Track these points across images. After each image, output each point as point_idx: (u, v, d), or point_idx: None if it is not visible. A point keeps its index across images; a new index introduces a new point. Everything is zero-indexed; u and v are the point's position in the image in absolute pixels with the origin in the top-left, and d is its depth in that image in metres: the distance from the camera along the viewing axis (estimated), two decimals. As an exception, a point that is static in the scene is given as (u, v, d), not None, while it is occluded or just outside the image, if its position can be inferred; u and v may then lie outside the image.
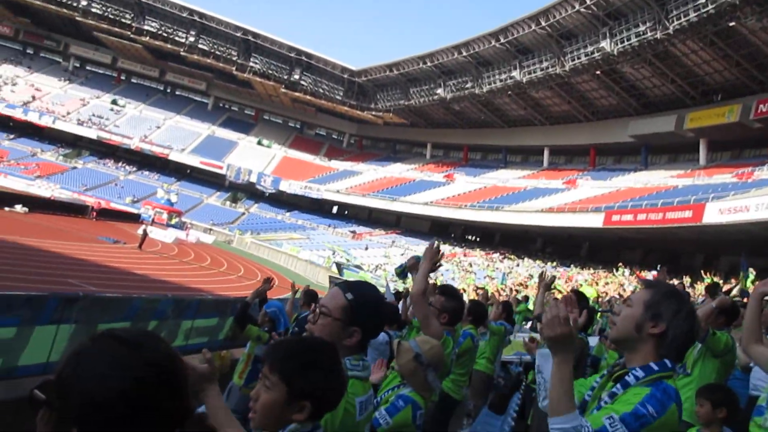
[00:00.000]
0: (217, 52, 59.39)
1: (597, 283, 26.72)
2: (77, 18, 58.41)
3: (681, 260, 33.64)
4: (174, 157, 59.73)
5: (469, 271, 37.54)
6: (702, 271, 25.56)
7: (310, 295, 5.75)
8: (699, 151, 36.49)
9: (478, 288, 22.24)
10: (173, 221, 47.46)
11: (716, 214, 24.90)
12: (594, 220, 32.48)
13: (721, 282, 23.27)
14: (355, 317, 1.86)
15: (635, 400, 1.75)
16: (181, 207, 52.93)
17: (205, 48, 59.38)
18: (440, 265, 3.66)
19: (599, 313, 11.02)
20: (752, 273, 17.65)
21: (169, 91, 70.53)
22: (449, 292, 4.18)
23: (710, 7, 27.98)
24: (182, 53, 59.53)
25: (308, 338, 1.70)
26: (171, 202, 50.47)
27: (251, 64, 59.40)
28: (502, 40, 40.99)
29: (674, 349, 1.90)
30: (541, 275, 6.37)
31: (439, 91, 50.06)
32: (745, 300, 9.48)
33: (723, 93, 34.64)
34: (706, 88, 35.37)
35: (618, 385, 1.87)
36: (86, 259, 20.61)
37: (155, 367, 0.95)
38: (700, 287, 22.26)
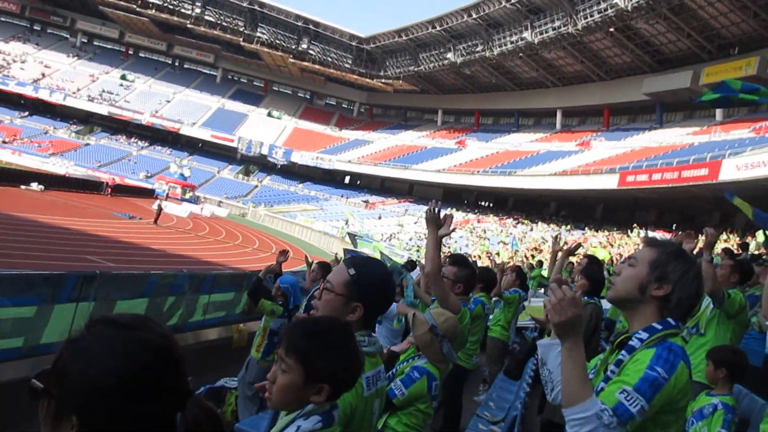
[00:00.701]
0: (224, 24, 58.88)
1: (612, 245, 26.58)
2: (82, -7, 58.08)
3: (696, 219, 33.34)
4: (185, 131, 59.79)
5: (482, 237, 37.51)
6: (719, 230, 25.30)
7: (325, 269, 5.77)
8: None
9: (489, 254, 22.30)
10: (187, 195, 47.81)
11: (733, 170, 24.51)
12: (608, 182, 32.15)
13: (737, 239, 23.08)
14: (358, 293, 1.86)
15: (643, 366, 1.68)
16: (195, 181, 53.24)
17: (211, 20, 58.85)
18: (453, 230, 3.58)
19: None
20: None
21: (177, 64, 70.21)
22: (461, 262, 4.17)
23: (727, -43, 27.11)
24: (189, 26, 59.09)
25: (323, 318, 1.70)
26: (184, 177, 50.76)
27: (258, 34, 58.86)
28: (513, 0, 40.13)
29: (679, 311, 1.82)
30: (556, 238, 6.34)
31: (449, 55, 49.33)
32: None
33: (740, 46, 33.80)
34: (723, 41, 34.50)
35: (623, 352, 1.80)
36: (103, 235, 20.85)
37: (151, 349, 0.94)
38: (717, 246, 22.10)
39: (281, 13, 56.93)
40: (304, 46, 59.25)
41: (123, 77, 64.41)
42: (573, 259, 11.02)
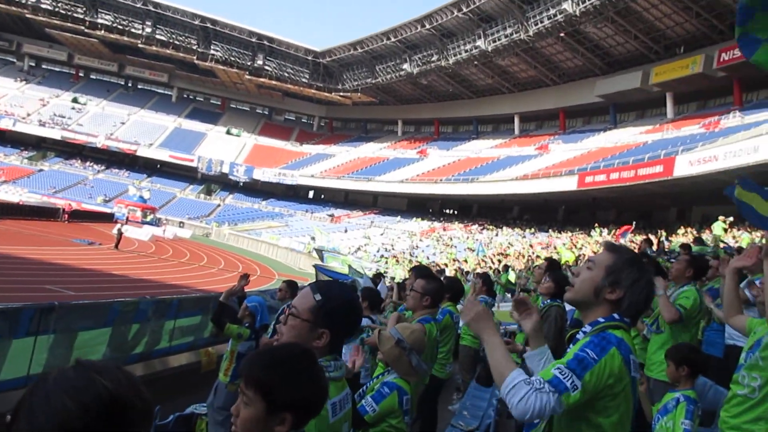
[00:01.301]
0: (176, 42, 58.17)
1: (575, 246, 27.05)
2: (27, 15, 56.67)
3: (654, 215, 34.24)
4: (142, 152, 58.73)
5: (449, 245, 37.74)
6: (676, 226, 26.04)
7: (293, 287, 5.67)
8: (666, 105, 36.91)
9: (456, 261, 22.45)
10: (148, 218, 46.84)
11: (686, 166, 25.30)
12: (568, 184, 32.81)
13: (694, 233, 23.74)
14: (323, 319, 1.82)
15: (575, 349, 1.84)
16: (155, 203, 52.25)
17: (163, 38, 58.09)
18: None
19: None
20: (722, 221, 18.03)
21: (130, 85, 69.05)
22: (427, 274, 4.16)
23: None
24: (140, 45, 58.21)
25: (281, 347, 1.65)
26: (144, 199, 49.75)
27: (212, 52, 58.34)
28: (465, 10, 40.75)
29: (628, 313, 1.94)
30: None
31: (406, 66, 49.75)
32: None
33: (685, 45, 35.02)
34: (669, 41, 35.69)
35: (570, 344, 1.95)
36: (62, 263, 20.25)
37: (104, 397, 0.94)
38: (676, 241, 22.70)
39: (234, 30, 56.56)
40: (260, 62, 58.95)
41: (74, 100, 62.97)
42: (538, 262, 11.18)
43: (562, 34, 38.16)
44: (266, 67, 59.31)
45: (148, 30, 57.40)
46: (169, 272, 23.70)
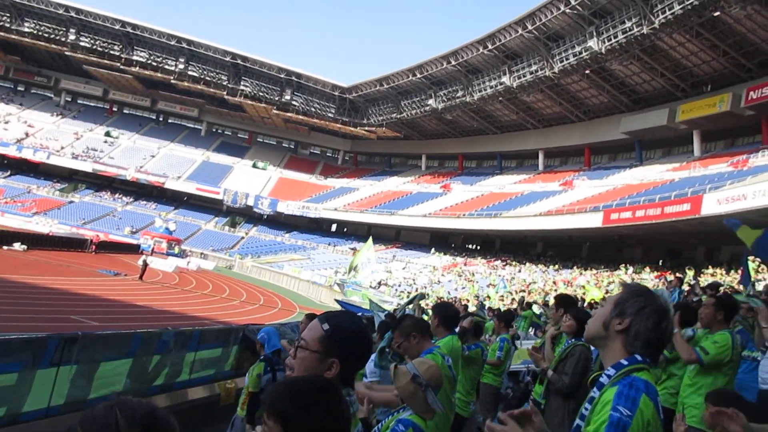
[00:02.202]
0: (207, 78, 59.71)
1: (601, 284, 26.61)
2: (66, 53, 58.80)
3: (682, 254, 33.58)
4: (170, 185, 59.81)
5: (470, 281, 37.42)
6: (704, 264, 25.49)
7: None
8: (693, 142, 36.57)
9: (478, 297, 22.16)
10: (173, 250, 47.38)
11: (714, 204, 24.86)
12: (593, 220, 32.43)
13: (723, 273, 23.18)
14: (332, 348, 1.81)
15: (607, 409, 1.76)
16: (180, 235, 52.91)
17: (194, 74, 59.68)
18: None
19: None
20: (750, 261, 17.58)
21: (161, 119, 70.79)
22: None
23: (694, -2, 28.13)
24: (172, 81, 59.85)
25: (305, 378, 1.65)
26: (170, 231, 50.43)
27: (242, 87, 59.69)
28: (490, 47, 41.18)
29: (641, 344, 1.89)
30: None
31: (431, 102, 50.23)
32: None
33: (712, 83, 34.78)
34: (696, 79, 35.51)
35: (594, 389, 1.90)
36: (88, 294, 20.51)
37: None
38: (704, 280, 22.19)
39: (264, 66, 57.89)
40: (287, 97, 60.09)
41: (107, 134, 64.70)
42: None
43: (587, 71, 38.27)
44: (293, 102, 60.42)
45: (181, 66, 59.09)
46: (191, 304, 23.83)
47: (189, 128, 70.45)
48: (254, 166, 66.04)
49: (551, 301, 8.66)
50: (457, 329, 6.79)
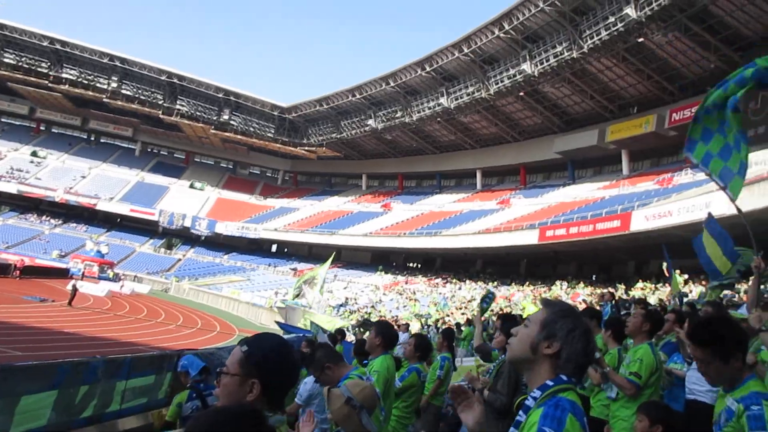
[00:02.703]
0: (142, 97, 58.14)
1: (536, 300, 27.24)
2: (-12, 70, 56.11)
3: (613, 269, 34.88)
4: (102, 206, 57.61)
5: (412, 299, 37.60)
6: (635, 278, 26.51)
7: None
8: (621, 161, 38.24)
9: (420, 317, 22.31)
10: (105, 273, 45.56)
11: (643, 221, 25.99)
12: (529, 237, 33.28)
13: (652, 287, 24.18)
14: (251, 369, 1.79)
15: (534, 430, 1.73)
16: (113, 258, 51.02)
17: (128, 93, 57.99)
18: None
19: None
20: (677, 274, 18.42)
21: (93, 139, 68.31)
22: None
23: (619, 25, 29.69)
24: (105, 100, 57.96)
25: (226, 408, 1.59)
26: (102, 254, 48.56)
27: (178, 107, 58.43)
28: (428, 69, 41.97)
29: (570, 367, 1.88)
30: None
31: (370, 122, 50.60)
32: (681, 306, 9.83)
33: (638, 105, 36.60)
34: (623, 101, 37.26)
35: (521, 412, 1.86)
36: (11, 322, 19.39)
37: None
38: (634, 293, 23.09)
39: (201, 86, 56.92)
40: (226, 116, 59.23)
41: (34, 153, 61.82)
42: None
43: (521, 94, 39.51)
44: (232, 122, 59.58)
45: (114, 85, 57.30)
46: (125, 329, 22.91)
47: (123, 148, 68.23)
48: (192, 186, 64.57)
49: (495, 320, 8.80)
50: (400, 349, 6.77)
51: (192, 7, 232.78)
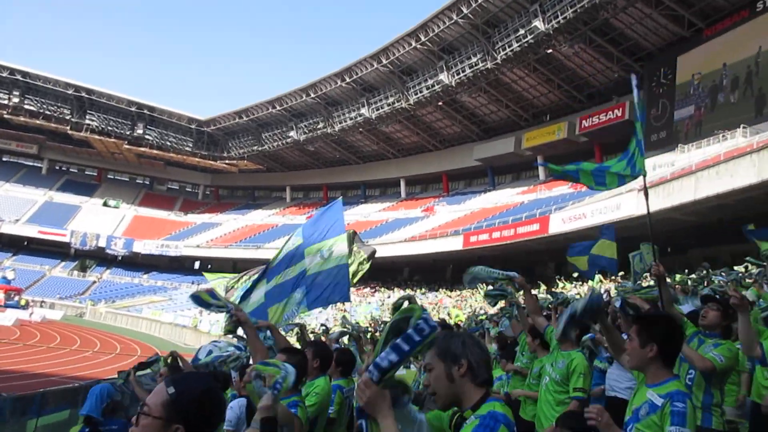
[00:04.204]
0: (48, 112, 54.95)
1: (462, 306, 27.77)
2: None
3: (536, 271, 36.04)
4: (7, 229, 53.91)
5: (342, 310, 37.37)
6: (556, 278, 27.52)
7: (173, 369, 5.14)
8: (538, 167, 39.67)
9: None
10: (12, 301, 42.61)
11: (560, 223, 27.11)
12: (454, 244, 33.94)
13: (572, 286, 25.12)
14: (177, 414, 1.65)
15: None
16: (21, 284, 47.76)
17: (32, 108, 54.66)
18: None
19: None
20: (597, 275, 19.32)
21: (-7, 158, 63.96)
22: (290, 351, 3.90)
23: (529, 37, 30.97)
24: (6, 116, 54.40)
25: None
26: (7, 280, 45.32)
27: (87, 122, 55.63)
28: (348, 80, 42.10)
29: (483, 372, 2.01)
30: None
31: (292, 133, 50.13)
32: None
33: (551, 113, 38.25)
34: (536, 110, 38.78)
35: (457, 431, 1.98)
36: None
37: None
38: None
39: (111, 99, 54.50)
40: (140, 131, 56.92)
41: (-74, 175, 57.25)
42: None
43: (440, 103, 40.35)
44: (147, 137, 57.34)
45: (16, 100, 53.80)
46: (35, 360, 21.48)
47: (27, 166, 64.17)
48: (105, 204, 61.56)
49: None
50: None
51: (103, 21, 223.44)
